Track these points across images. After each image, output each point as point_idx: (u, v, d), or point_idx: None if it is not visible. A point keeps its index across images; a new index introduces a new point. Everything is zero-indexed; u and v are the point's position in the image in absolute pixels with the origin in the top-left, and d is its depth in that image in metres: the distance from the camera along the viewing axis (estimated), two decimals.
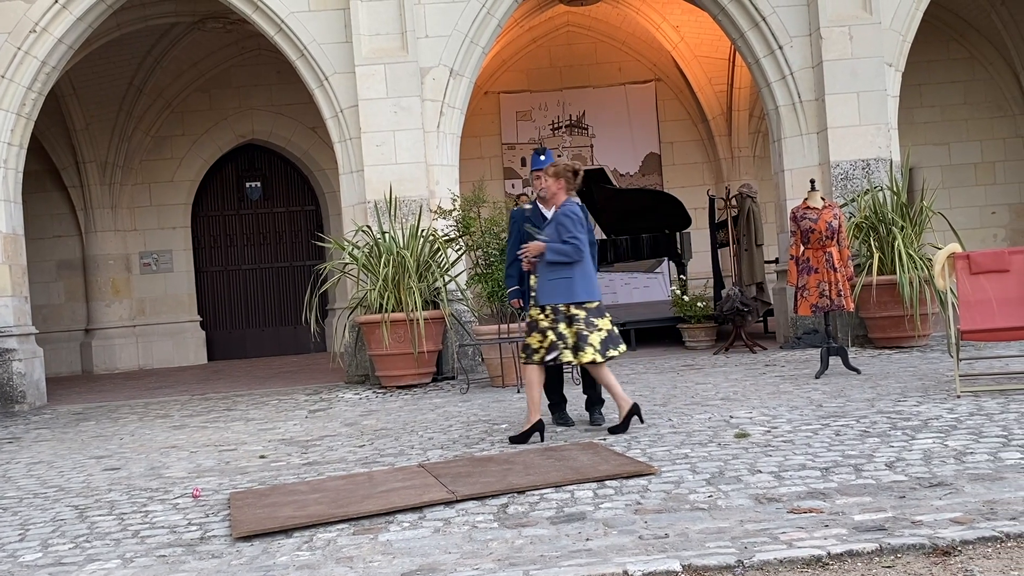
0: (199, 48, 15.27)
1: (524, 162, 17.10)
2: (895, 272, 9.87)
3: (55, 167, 15.64)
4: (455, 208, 10.38)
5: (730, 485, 4.92)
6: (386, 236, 10.16)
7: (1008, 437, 5.52)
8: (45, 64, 11.12)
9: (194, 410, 9.72)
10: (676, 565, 3.72)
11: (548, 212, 7.00)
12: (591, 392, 7.02)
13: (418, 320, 9.60)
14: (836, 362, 8.83)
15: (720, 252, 13.34)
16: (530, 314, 6.68)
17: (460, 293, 10.41)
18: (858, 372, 8.51)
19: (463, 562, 4.04)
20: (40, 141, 15.22)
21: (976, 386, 7.18)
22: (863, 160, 10.86)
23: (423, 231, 10.24)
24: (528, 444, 6.40)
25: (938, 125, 16.43)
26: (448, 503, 4.96)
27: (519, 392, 9.03)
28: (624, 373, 9.88)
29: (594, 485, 5.11)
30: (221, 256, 16.64)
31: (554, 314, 6.48)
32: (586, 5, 15.84)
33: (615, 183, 16.08)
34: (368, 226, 10.49)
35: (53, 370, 14.71)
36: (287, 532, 4.69)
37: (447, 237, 10.32)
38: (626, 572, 3.69)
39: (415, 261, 9.90)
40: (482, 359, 10.07)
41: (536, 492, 5.06)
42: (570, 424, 6.97)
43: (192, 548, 4.61)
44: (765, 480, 4.97)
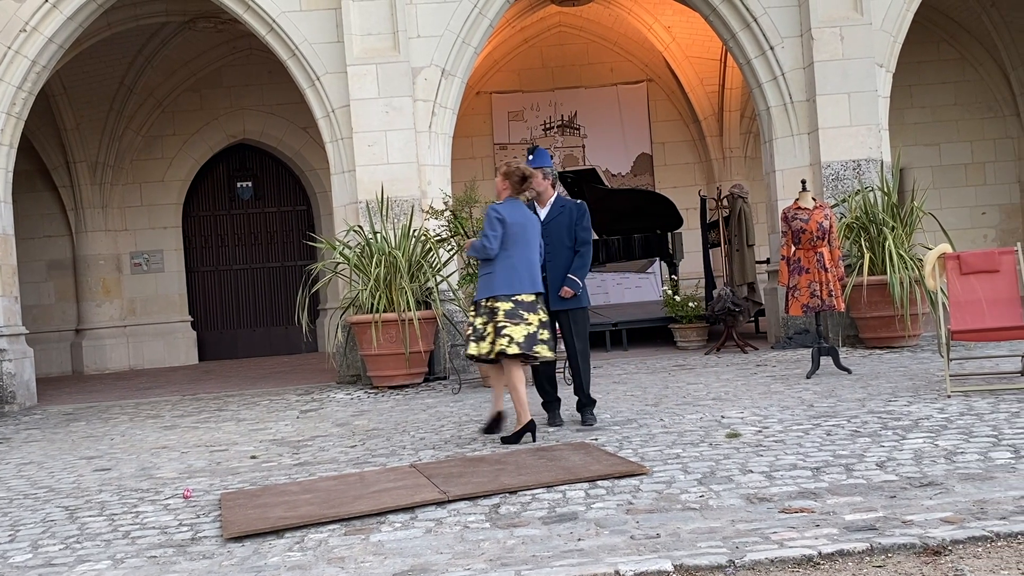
0: (190, 48, 15.23)
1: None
2: (886, 272, 9.89)
3: (45, 167, 15.59)
4: (447, 208, 10.38)
5: (721, 485, 4.93)
6: (378, 236, 10.15)
7: (998, 437, 5.54)
8: (35, 63, 11.08)
9: (185, 410, 9.69)
10: (667, 565, 3.72)
11: (542, 211, 7.06)
12: (581, 393, 7.03)
13: (410, 320, 9.59)
14: (827, 362, 8.85)
15: (711, 252, 13.36)
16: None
17: (452, 293, 10.40)
18: (849, 372, 8.53)
19: (455, 562, 4.04)
20: (30, 141, 15.17)
21: (966, 386, 7.20)
22: (854, 161, 10.89)
23: (415, 231, 10.23)
24: (520, 444, 6.40)
25: (929, 126, 16.49)
26: (440, 503, 4.95)
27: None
28: (616, 373, 9.89)
29: (586, 485, 5.12)
30: (212, 256, 16.61)
31: (475, 308, 6.71)
32: (578, 5, 15.85)
33: (607, 183, 16.09)
34: (360, 226, 10.48)
35: (43, 370, 14.67)
36: (278, 533, 4.68)
37: (439, 237, 10.32)
38: (618, 572, 3.70)
39: (407, 261, 9.90)
40: None
41: (528, 492, 5.06)
42: (560, 424, 6.97)
43: (183, 549, 4.60)
44: (756, 480, 4.98)
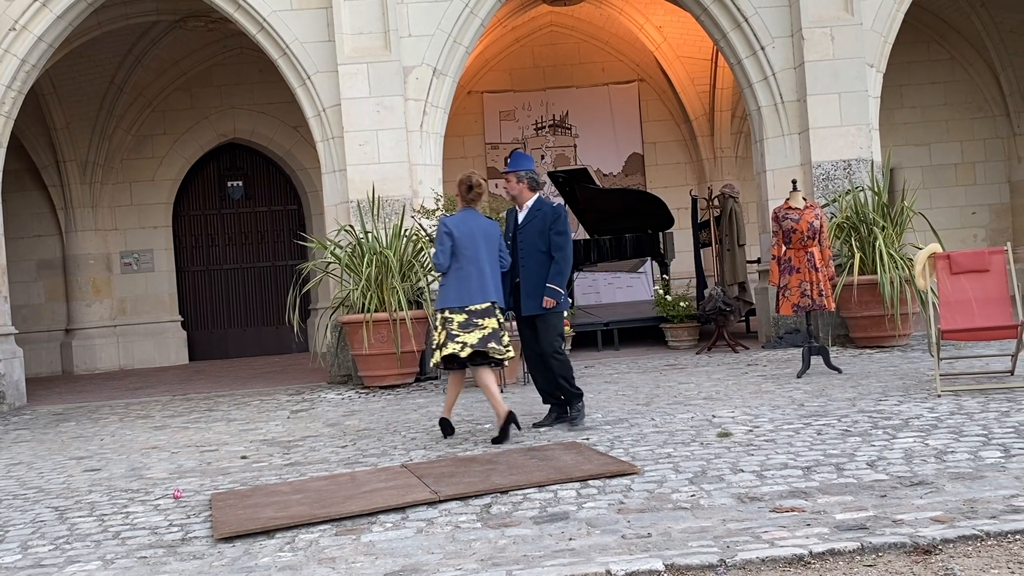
0: (181, 47, 15.19)
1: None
2: (876, 272, 9.92)
3: (35, 166, 15.53)
4: (438, 208, 10.37)
5: (712, 484, 4.93)
6: (369, 236, 10.13)
7: (988, 436, 5.55)
8: (25, 62, 11.04)
9: (175, 410, 9.67)
10: (659, 564, 3.72)
11: (520, 215, 7.19)
12: (564, 395, 7.04)
13: (401, 320, 9.58)
14: (817, 361, 8.86)
15: (702, 252, 13.37)
16: None
17: None
18: (839, 371, 8.55)
19: (446, 562, 4.04)
20: (20, 140, 15.10)
21: (956, 385, 7.22)
22: (844, 160, 10.91)
23: (406, 231, 10.22)
24: (512, 443, 6.40)
25: (919, 126, 16.53)
26: (431, 503, 4.95)
27: (501, 392, 9.03)
28: (607, 373, 9.89)
29: (577, 485, 5.12)
30: (203, 256, 16.56)
31: (433, 317, 6.92)
32: (569, 5, 15.84)
33: (598, 183, 16.11)
34: (351, 226, 10.46)
35: (33, 370, 14.61)
36: (269, 533, 4.67)
37: (430, 237, 10.31)
38: (609, 572, 3.70)
39: (398, 261, 9.88)
40: None
41: (519, 492, 5.06)
42: (565, 421, 7.01)
43: (173, 549, 4.59)
44: (747, 479, 4.99)
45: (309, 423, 8.19)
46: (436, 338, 6.73)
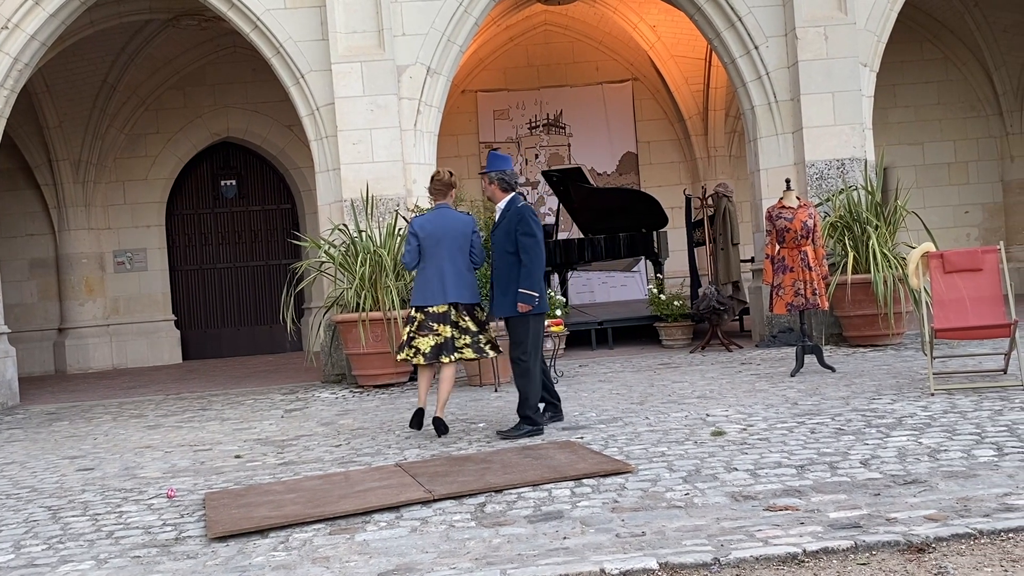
0: (174, 45, 15.15)
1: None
2: (869, 271, 9.93)
3: (28, 165, 15.48)
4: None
5: (706, 483, 4.94)
6: (363, 235, 10.12)
7: (981, 435, 5.57)
8: (17, 61, 11.00)
9: (169, 410, 9.65)
10: (653, 563, 3.73)
11: (496, 215, 7.21)
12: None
13: (395, 319, 9.57)
14: (811, 360, 8.88)
15: (696, 251, 13.38)
16: None
17: None
18: (833, 370, 8.57)
19: (440, 561, 4.03)
20: (12, 139, 15.05)
21: (950, 384, 7.24)
22: (838, 160, 10.93)
23: (400, 230, 10.21)
24: (507, 442, 6.41)
25: (912, 125, 16.56)
26: (425, 502, 4.95)
27: (496, 391, 9.04)
28: (601, 372, 9.90)
29: (571, 484, 5.12)
30: (196, 255, 16.53)
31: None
32: (563, 4, 15.84)
33: (592, 182, 16.10)
34: (345, 225, 10.45)
35: (26, 370, 14.57)
36: (263, 532, 4.67)
37: None
38: (603, 570, 3.70)
39: (392, 260, 9.87)
40: None
41: (514, 491, 5.06)
42: (560, 419, 7.04)
43: (167, 549, 4.58)
44: (741, 478, 4.99)
45: (303, 422, 8.18)
46: (403, 334, 7.03)
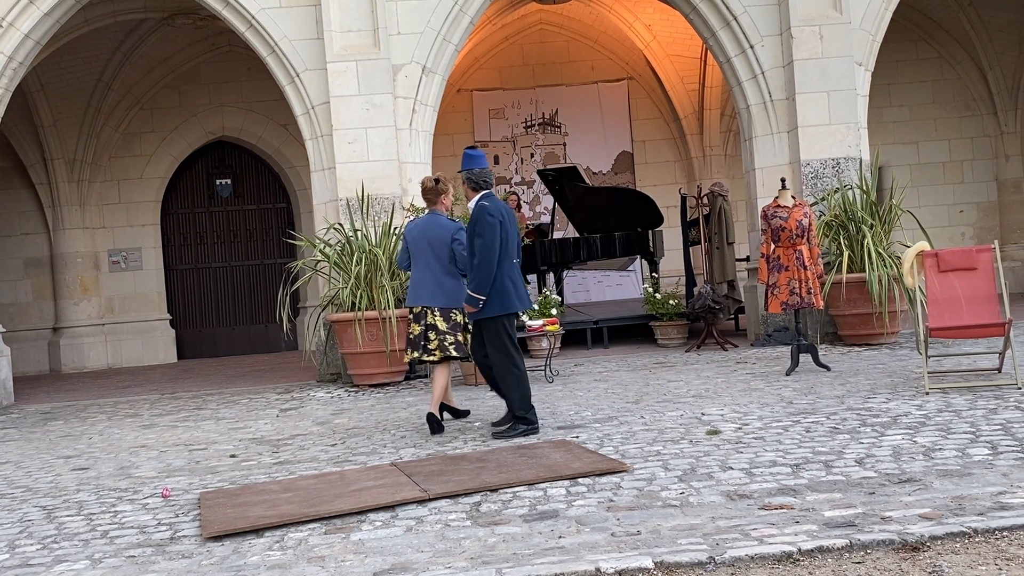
0: (169, 44, 15.12)
1: (497, 160, 17.09)
2: (864, 270, 9.95)
3: (22, 164, 15.44)
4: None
5: (702, 482, 4.94)
6: (358, 234, 10.12)
7: (976, 433, 5.58)
8: (12, 60, 10.98)
9: (164, 409, 9.64)
10: (648, 562, 3.73)
11: None
12: (497, 390, 7.03)
13: (391, 318, 9.57)
14: (806, 359, 8.89)
15: (692, 250, 13.39)
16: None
17: None
18: (828, 369, 8.58)
19: (436, 561, 4.03)
20: (7, 137, 15.02)
21: (944, 383, 7.25)
22: (833, 159, 10.94)
23: (396, 229, 10.20)
24: (502, 441, 6.41)
25: (907, 124, 16.58)
26: (421, 502, 4.95)
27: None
28: (596, 371, 9.91)
29: (567, 483, 5.12)
30: (191, 254, 16.50)
31: None
32: (558, 3, 15.84)
33: (588, 181, 16.09)
34: (340, 224, 10.44)
35: (20, 369, 14.54)
36: (258, 532, 4.67)
37: None
38: (599, 570, 3.70)
39: (387, 259, 9.87)
40: None
41: (509, 490, 5.06)
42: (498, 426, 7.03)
43: (162, 548, 4.57)
44: (736, 477, 5.00)
45: (298, 421, 8.17)
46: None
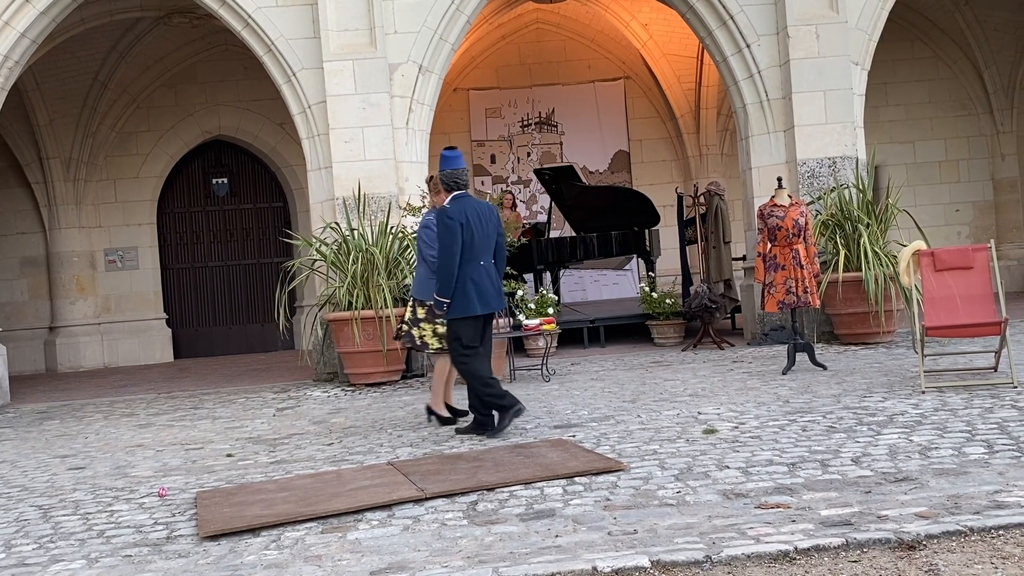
0: (165, 43, 15.11)
1: (494, 159, 17.10)
2: (861, 269, 9.96)
3: (18, 163, 15.42)
4: (424, 205, 10.34)
5: (698, 481, 4.95)
6: (355, 233, 10.11)
7: (972, 432, 5.58)
8: (7, 59, 10.96)
9: (160, 408, 9.63)
10: (645, 561, 3.73)
11: None
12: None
13: (387, 317, 9.56)
14: (803, 358, 8.89)
15: (688, 249, 13.40)
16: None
17: None
18: (824, 368, 8.58)
19: (432, 560, 4.03)
20: (3, 136, 15.01)
21: (940, 382, 7.26)
22: (829, 158, 10.95)
23: (392, 228, 10.20)
24: (499, 440, 6.41)
25: (903, 123, 16.60)
26: (417, 501, 4.94)
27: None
28: (593, 370, 9.91)
29: (563, 482, 5.12)
30: (188, 253, 16.49)
31: None
32: (555, 2, 15.84)
33: (584, 180, 16.11)
34: (337, 223, 10.44)
35: (16, 368, 14.52)
36: (255, 531, 4.66)
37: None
38: (595, 568, 3.70)
39: (384, 258, 9.87)
40: None
41: (506, 489, 5.06)
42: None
43: (158, 548, 4.57)
44: (733, 476, 5.00)
45: (295, 421, 8.17)
46: None
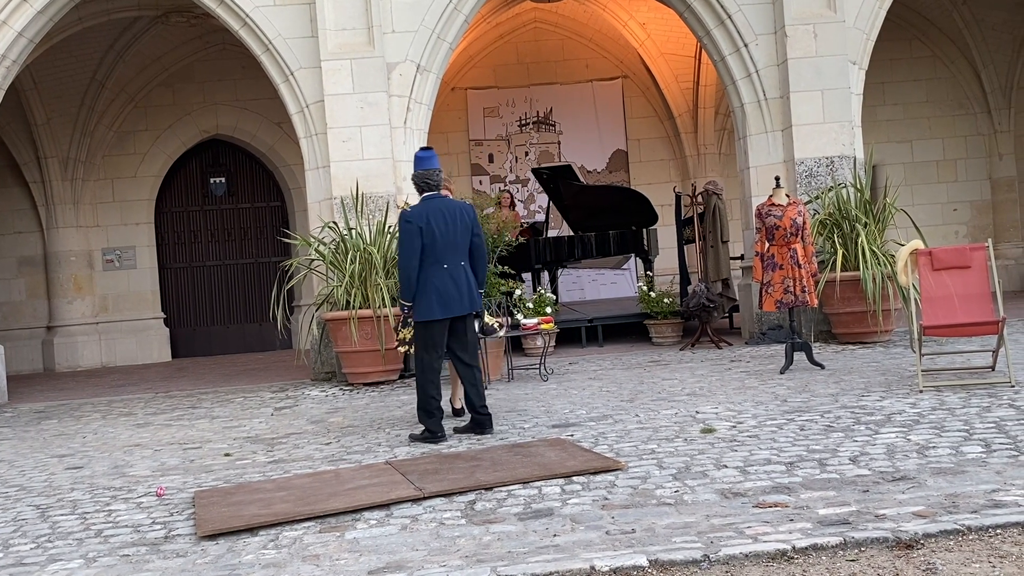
0: (163, 42, 15.10)
1: (492, 158, 17.09)
2: (858, 268, 9.96)
3: (16, 162, 15.40)
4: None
5: (696, 480, 4.95)
6: (353, 232, 10.11)
7: (969, 431, 5.59)
8: (5, 58, 10.95)
9: (158, 408, 9.62)
10: (643, 560, 3.73)
11: None
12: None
13: (385, 317, 9.56)
14: (800, 357, 8.90)
15: (686, 249, 13.40)
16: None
17: None
18: (822, 367, 8.59)
19: (430, 559, 4.03)
20: (0, 136, 14.98)
21: (938, 381, 7.26)
22: (827, 157, 10.95)
23: (390, 227, 10.19)
24: (496, 440, 6.41)
25: (901, 123, 16.61)
26: (415, 500, 4.95)
27: (486, 389, 9.02)
28: (591, 369, 9.91)
29: (561, 481, 5.12)
30: (185, 252, 16.47)
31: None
32: (553, 2, 15.84)
33: (582, 180, 16.11)
34: (335, 222, 10.43)
35: (14, 368, 14.51)
36: (253, 531, 4.66)
37: None
38: (593, 568, 3.70)
39: (382, 258, 9.86)
40: None
41: (504, 488, 5.06)
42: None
43: (156, 547, 4.57)
44: (731, 475, 5.00)
45: (293, 420, 8.17)
46: None
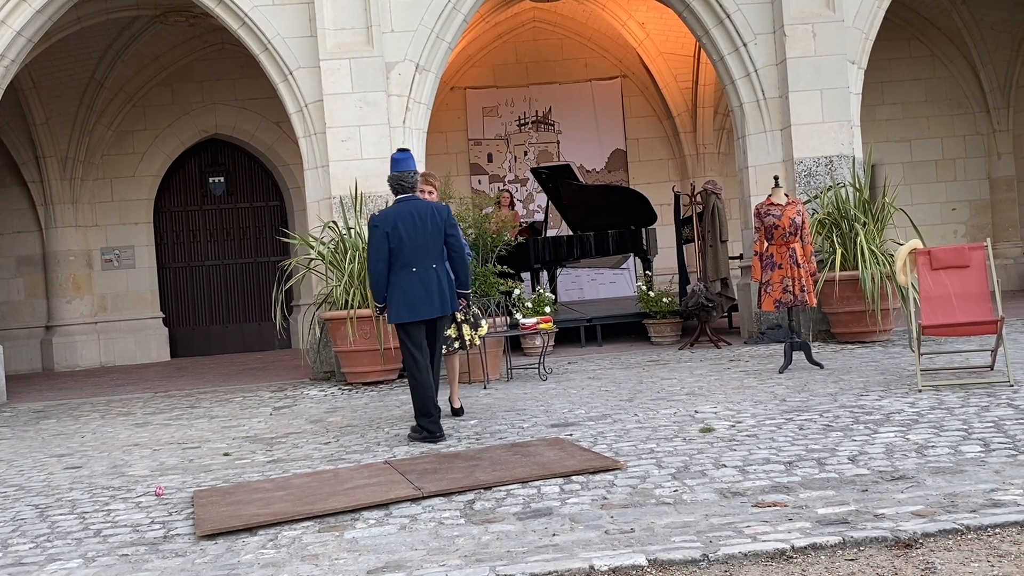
0: (161, 42, 15.09)
1: (491, 158, 17.09)
2: (857, 268, 9.96)
3: (14, 161, 15.39)
4: None
5: (695, 479, 4.95)
6: (352, 232, 10.11)
7: (968, 431, 5.59)
8: (4, 57, 10.94)
9: (157, 407, 9.62)
10: (642, 559, 3.74)
11: None
12: None
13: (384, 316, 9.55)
14: (799, 357, 8.90)
15: (685, 248, 13.40)
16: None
17: None
18: (821, 367, 8.59)
19: (429, 559, 4.03)
20: None
21: (937, 380, 7.27)
22: (826, 157, 10.95)
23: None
24: (495, 439, 6.41)
25: (900, 122, 16.61)
26: (414, 500, 4.95)
27: (485, 388, 9.04)
28: (590, 368, 9.91)
29: (560, 480, 5.13)
30: (184, 252, 16.47)
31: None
32: (552, 1, 15.83)
33: (581, 179, 16.11)
34: (334, 222, 10.43)
35: (13, 368, 14.50)
36: (252, 530, 4.66)
37: None
38: (592, 567, 3.70)
39: None
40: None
41: (503, 488, 5.06)
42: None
43: (155, 547, 4.57)
44: (730, 474, 5.01)
45: (292, 420, 8.16)
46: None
